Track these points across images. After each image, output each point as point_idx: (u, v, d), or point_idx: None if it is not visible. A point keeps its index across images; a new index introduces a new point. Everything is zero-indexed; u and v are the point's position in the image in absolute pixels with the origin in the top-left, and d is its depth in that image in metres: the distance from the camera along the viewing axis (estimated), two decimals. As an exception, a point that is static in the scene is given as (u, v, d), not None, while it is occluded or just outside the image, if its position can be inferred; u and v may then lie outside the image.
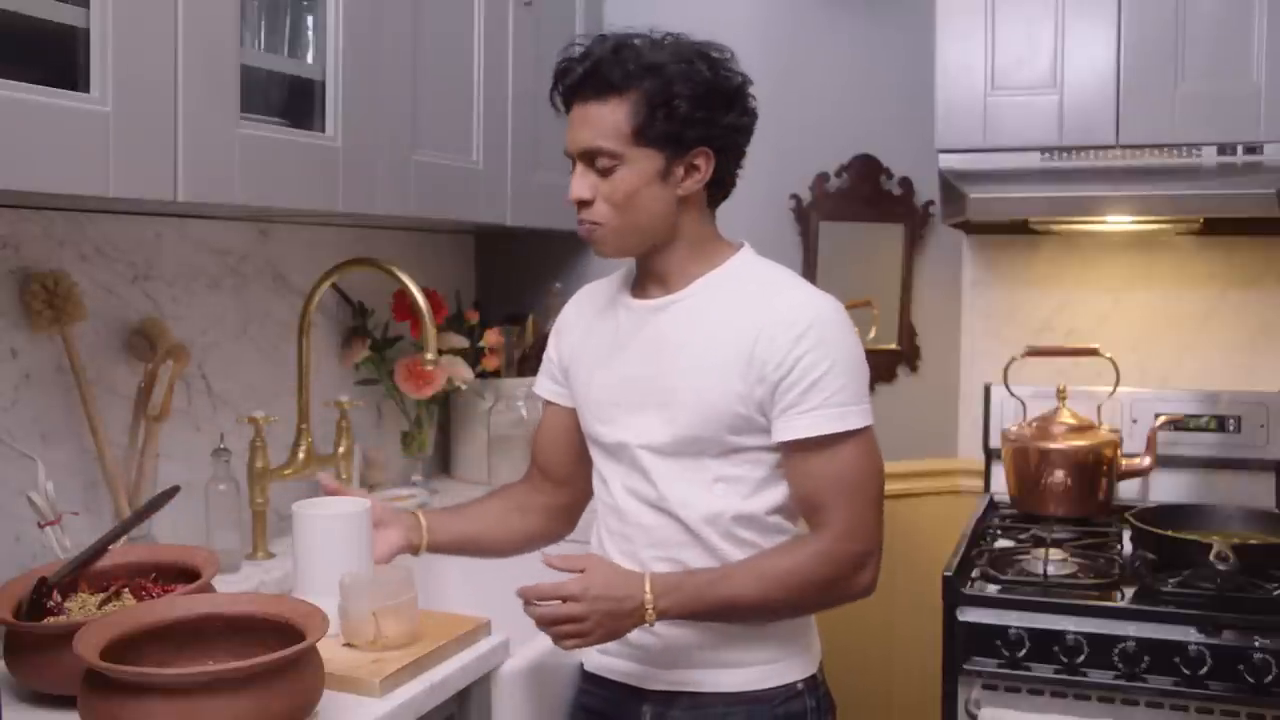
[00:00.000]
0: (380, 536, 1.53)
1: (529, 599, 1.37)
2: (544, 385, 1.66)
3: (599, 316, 1.57)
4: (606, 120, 1.40)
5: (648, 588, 1.38)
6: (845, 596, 1.45)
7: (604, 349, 1.53)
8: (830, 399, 1.40)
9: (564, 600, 1.36)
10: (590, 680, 1.59)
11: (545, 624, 1.38)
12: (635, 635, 1.50)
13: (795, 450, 1.43)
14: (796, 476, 1.44)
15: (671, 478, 1.45)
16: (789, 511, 1.49)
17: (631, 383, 1.48)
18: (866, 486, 1.44)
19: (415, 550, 1.57)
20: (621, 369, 1.50)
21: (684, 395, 1.44)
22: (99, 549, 1.38)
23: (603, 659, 1.56)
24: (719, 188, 1.49)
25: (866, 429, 1.44)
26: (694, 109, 1.41)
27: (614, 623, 1.37)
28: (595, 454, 1.56)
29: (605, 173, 1.42)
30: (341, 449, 1.88)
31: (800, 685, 1.50)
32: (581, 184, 1.43)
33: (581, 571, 1.39)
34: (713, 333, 1.44)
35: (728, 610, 1.41)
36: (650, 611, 1.37)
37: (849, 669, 2.27)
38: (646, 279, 1.52)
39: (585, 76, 1.41)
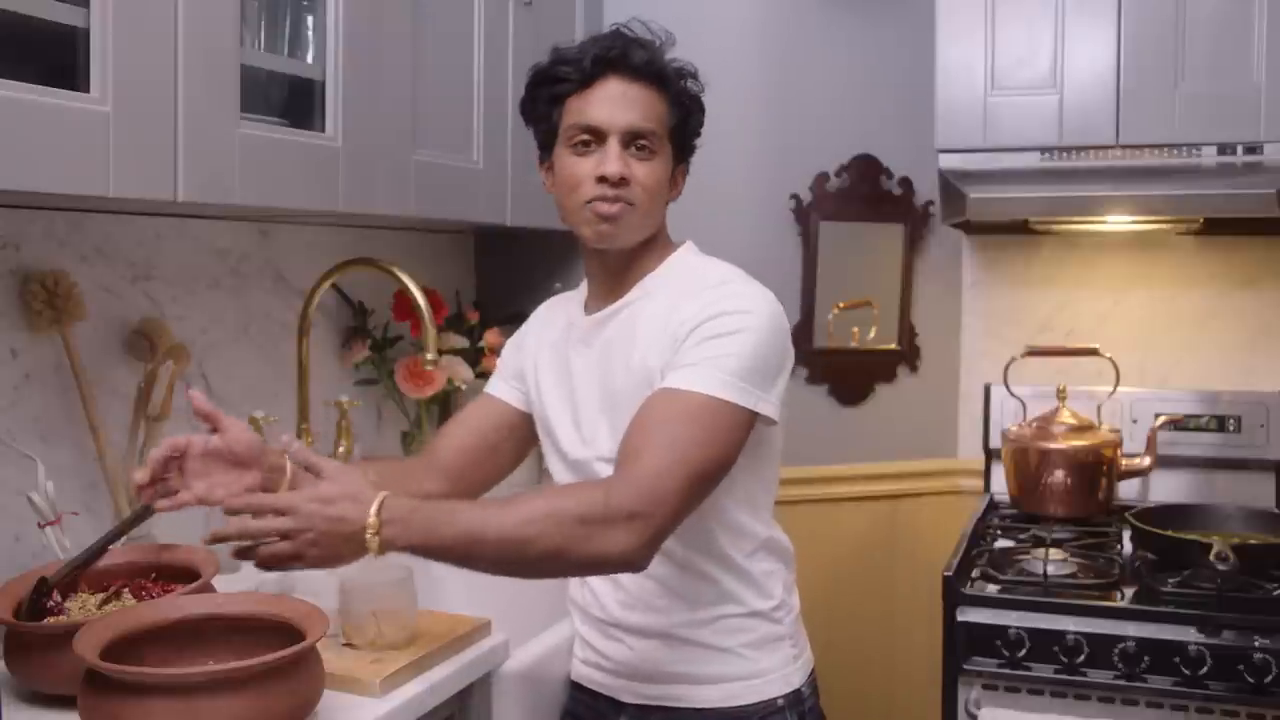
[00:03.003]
0: (234, 477, 1.35)
1: (235, 509, 1.21)
2: (494, 384, 1.63)
3: (558, 335, 1.55)
4: (656, 107, 1.42)
5: (373, 510, 1.19)
6: (593, 551, 1.22)
7: (562, 367, 1.52)
8: (711, 360, 1.31)
9: (277, 514, 1.19)
10: (575, 688, 1.59)
11: (242, 539, 1.20)
12: (611, 648, 1.50)
13: (652, 394, 1.33)
14: (634, 417, 1.32)
15: None
16: (753, 509, 1.46)
17: (587, 399, 1.47)
18: (688, 452, 1.26)
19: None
20: (574, 385, 1.49)
21: (623, 399, 1.41)
22: (99, 549, 1.38)
23: (584, 669, 1.56)
24: None
25: (736, 411, 1.31)
26: (696, 126, 1.48)
27: (331, 543, 1.19)
28: (560, 472, 1.53)
29: (645, 157, 1.41)
30: (341, 449, 1.89)
31: (781, 701, 1.46)
32: (621, 162, 1.40)
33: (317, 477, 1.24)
34: (645, 333, 1.42)
35: (468, 545, 1.22)
36: (372, 538, 1.19)
37: (848, 669, 2.27)
38: (599, 287, 1.51)
39: (647, 61, 1.41)
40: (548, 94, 1.45)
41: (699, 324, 1.35)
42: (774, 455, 1.47)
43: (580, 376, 1.49)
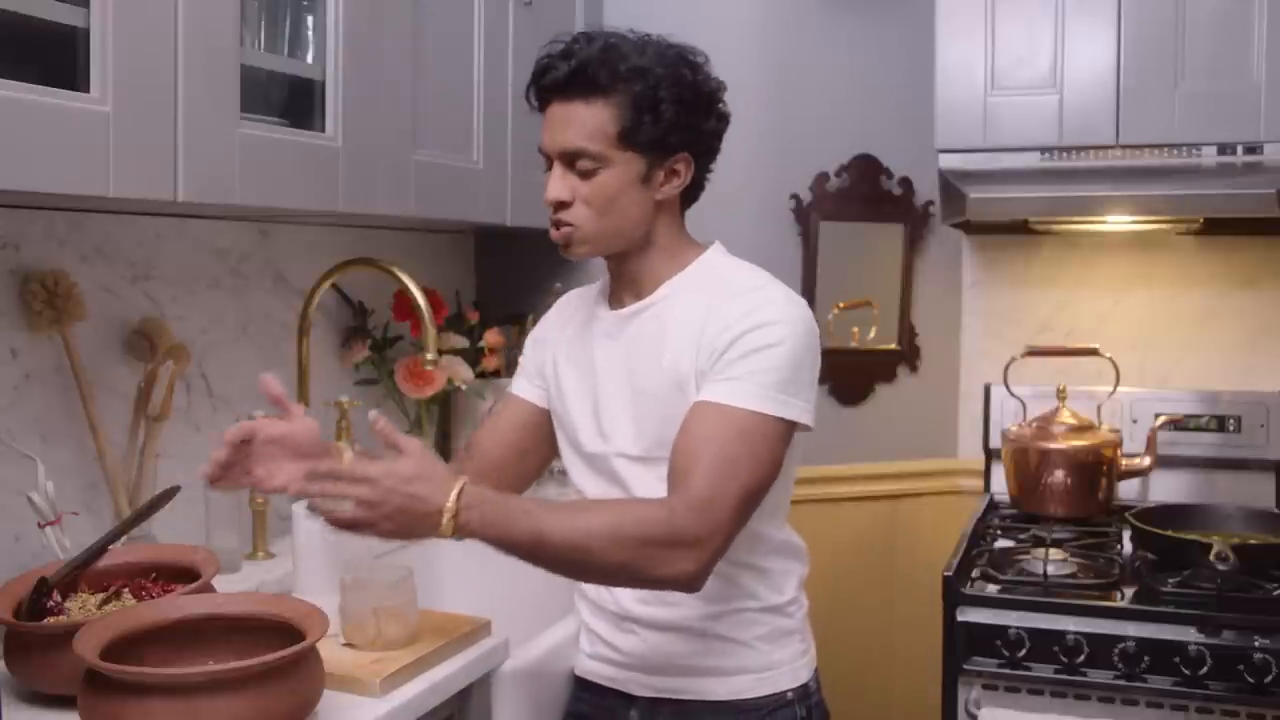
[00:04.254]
0: (295, 466, 1.34)
1: (316, 473, 1.23)
2: (518, 383, 1.63)
3: (580, 328, 1.55)
4: (591, 122, 1.38)
5: (454, 495, 1.22)
6: (656, 574, 1.28)
7: (584, 360, 1.52)
8: (753, 375, 1.33)
9: (358, 481, 1.22)
10: (580, 685, 1.58)
11: (320, 504, 1.23)
12: (623, 641, 1.50)
13: (696, 407, 1.35)
14: (681, 432, 1.34)
15: (647, 484, 1.43)
16: (771, 513, 1.46)
17: (609, 393, 1.47)
18: (740, 473, 1.30)
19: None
20: (600, 380, 1.49)
21: (650, 400, 1.42)
22: (99, 549, 1.38)
23: (592, 664, 1.56)
24: (692, 191, 1.49)
25: (780, 425, 1.34)
26: (679, 114, 1.40)
27: (406, 520, 1.23)
28: (573, 464, 1.54)
29: (586, 175, 1.40)
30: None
31: (790, 695, 1.48)
32: (560, 185, 1.41)
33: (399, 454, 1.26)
34: (675, 333, 1.42)
35: (534, 544, 1.26)
36: (448, 521, 1.22)
37: (849, 669, 2.27)
38: (620, 285, 1.51)
39: (571, 76, 1.39)
40: None
41: (737, 336, 1.35)
42: (796, 460, 1.47)
43: (604, 371, 1.49)
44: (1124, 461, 2.27)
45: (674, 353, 1.41)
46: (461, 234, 2.48)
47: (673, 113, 1.39)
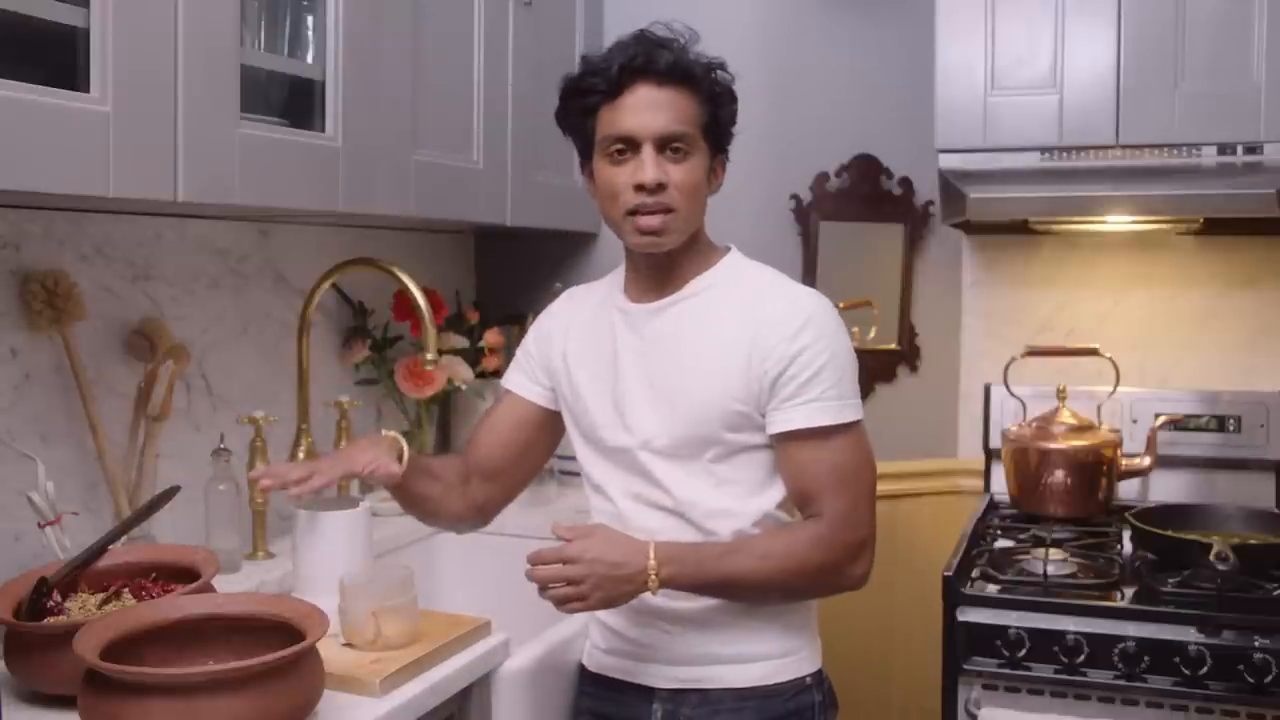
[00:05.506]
0: (362, 455, 1.47)
1: (531, 561, 1.36)
2: (513, 379, 1.63)
3: (592, 322, 1.56)
4: (685, 107, 1.42)
5: (651, 555, 1.36)
6: (839, 585, 1.46)
7: (603, 354, 1.52)
8: (826, 392, 1.42)
9: (563, 563, 1.35)
10: (595, 682, 1.58)
11: (542, 585, 1.36)
12: (645, 634, 1.50)
13: (791, 441, 1.43)
14: (792, 467, 1.45)
15: (677, 478, 1.46)
16: (790, 509, 1.50)
17: (634, 387, 1.48)
18: (861, 477, 1.46)
19: (391, 480, 1.48)
20: (622, 373, 1.50)
21: (684, 396, 1.44)
22: (99, 549, 1.38)
23: (608, 659, 1.56)
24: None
25: (859, 423, 1.46)
26: (731, 116, 1.48)
27: (613, 587, 1.36)
28: (591, 461, 1.55)
29: (680, 159, 1.42)
30: (341, 449, 1.88)
31: (809, 679, 1.51)
32: (658, 169, 1.42)
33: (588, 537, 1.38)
34: (711, 333, 1.45)
35: (729, 586, 1.42)
36: (653, 579, 1.36)
37: (849, 668, 2.27)
38: (645, 279, 1.51)
39: (675, 63, 1.42)
40: (579, 105, 1.46)
41: (790, 362, 1.41)
42: None
43: (627, 363, 1.50)
44: (1124, 461, 2.27)
45: (716, 361, 1.44)
46: (461, 234, 2.48)
47: (728, 114, 1.47)
